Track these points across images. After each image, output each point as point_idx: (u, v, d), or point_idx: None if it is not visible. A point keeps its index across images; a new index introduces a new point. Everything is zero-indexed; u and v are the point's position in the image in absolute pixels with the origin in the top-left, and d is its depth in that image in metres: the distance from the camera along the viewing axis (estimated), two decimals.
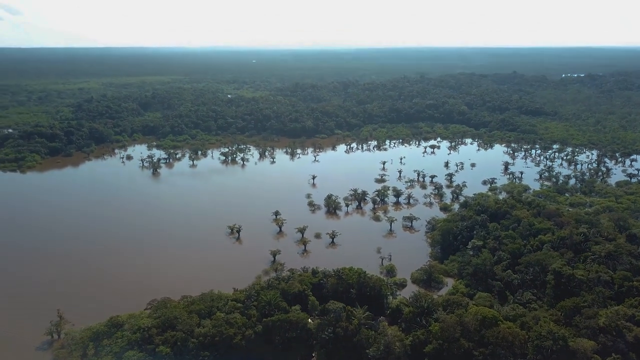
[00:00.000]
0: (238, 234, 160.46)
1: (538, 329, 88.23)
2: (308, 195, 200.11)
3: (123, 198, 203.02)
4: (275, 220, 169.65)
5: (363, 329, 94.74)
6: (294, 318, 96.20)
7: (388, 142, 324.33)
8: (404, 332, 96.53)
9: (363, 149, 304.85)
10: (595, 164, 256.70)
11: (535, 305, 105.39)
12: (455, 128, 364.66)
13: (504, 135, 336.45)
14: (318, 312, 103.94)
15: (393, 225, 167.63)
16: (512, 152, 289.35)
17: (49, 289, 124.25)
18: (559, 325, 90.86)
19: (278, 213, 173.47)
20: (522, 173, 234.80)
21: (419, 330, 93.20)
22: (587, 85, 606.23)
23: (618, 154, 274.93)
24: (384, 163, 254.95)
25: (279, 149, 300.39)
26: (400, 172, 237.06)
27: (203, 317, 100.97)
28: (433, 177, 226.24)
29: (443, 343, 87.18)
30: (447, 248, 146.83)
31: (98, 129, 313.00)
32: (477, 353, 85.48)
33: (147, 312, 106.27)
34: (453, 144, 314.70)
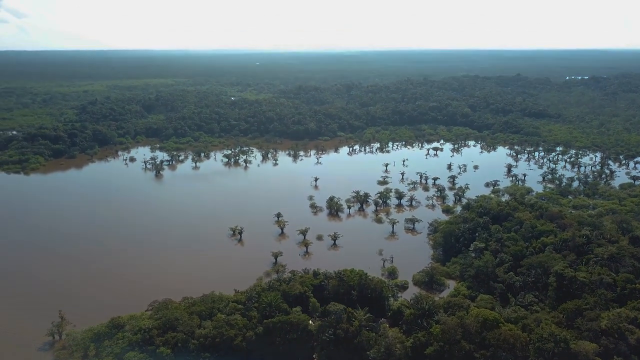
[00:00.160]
0: (240, 236, 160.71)
1: (540, 331, 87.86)
2: (310, 197, 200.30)
3: (125, 199, 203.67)
4: (277, 222, 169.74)
5: (364, 331, 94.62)
6: (295, 320, 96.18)
7: (391, 144, 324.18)
8: (405, 334, 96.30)
9: (366, 151, 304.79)
10: (599, 167, 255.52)
11: (537, 308, 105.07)
12: (459, 130, 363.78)
13: (507, 138, 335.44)
14: (319, 313, 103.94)
15: (395, 227, 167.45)
16: (515, 154, 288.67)
17: (51, 290, 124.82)
18: (561, 328, 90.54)
19: (280, 215, 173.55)
20: (525, 175, 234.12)
21: (420, 332, 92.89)
22: (591, 88, 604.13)
23: (622, 157, 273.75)
24: (387, 165, 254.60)
25: (282, 151, 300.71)
26: (403, 174, 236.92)
27: (204, 318, 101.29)
28: (436, 179, 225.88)
29: (444, 345, 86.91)
30: (449, 250, 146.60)
31: (101, 131, 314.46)
32: (478, 355, 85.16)
33: (148, 313, 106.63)
34: (456, 146, 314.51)
